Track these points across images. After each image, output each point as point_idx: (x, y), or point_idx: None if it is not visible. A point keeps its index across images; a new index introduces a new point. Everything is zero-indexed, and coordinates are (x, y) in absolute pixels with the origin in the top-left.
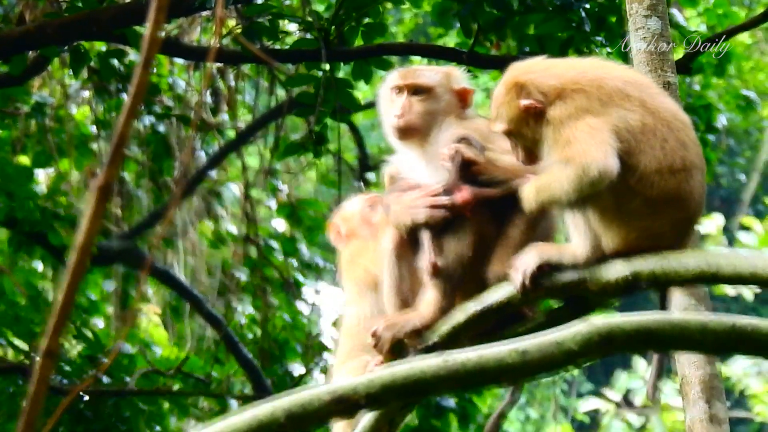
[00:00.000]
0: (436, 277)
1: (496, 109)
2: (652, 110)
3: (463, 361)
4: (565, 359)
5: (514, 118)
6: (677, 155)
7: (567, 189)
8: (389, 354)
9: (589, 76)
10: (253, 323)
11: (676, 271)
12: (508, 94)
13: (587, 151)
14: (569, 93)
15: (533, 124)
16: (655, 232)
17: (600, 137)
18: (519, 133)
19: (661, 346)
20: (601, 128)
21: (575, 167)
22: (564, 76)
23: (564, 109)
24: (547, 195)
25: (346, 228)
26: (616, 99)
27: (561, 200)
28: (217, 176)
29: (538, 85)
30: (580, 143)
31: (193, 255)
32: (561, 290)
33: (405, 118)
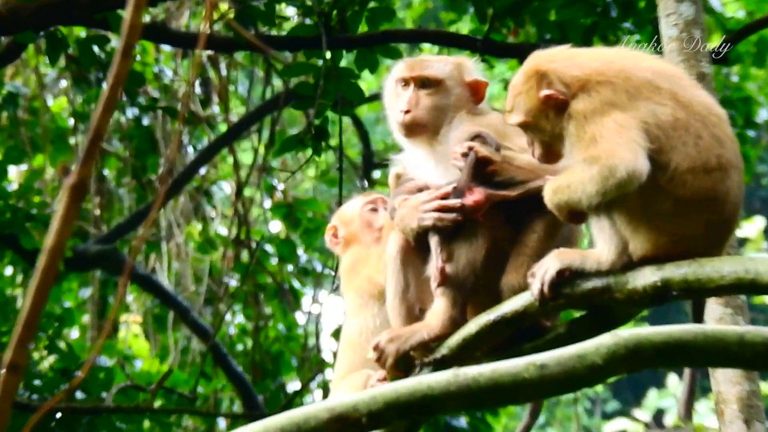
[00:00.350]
0: (444, 285)
1: (513, 99)
2: (684, 104)
3: (475, 377)
4: (589, 374)
5: (533, 110)
6: (712, 152)
7: (590, 191)
8: (393, 369)
9: (615, 67)
10: (243, 334)
11: (711, 278)
12: (528, 82)
13: (614, 150)
14: (594, 85)
15: (553, 118)
16: (688, 236)
17: (629, 135)
18: (537, 127)
19: (694, 360)
20: (630, 125)
21: (600, 167)
22: (589, 67)
23: (588, 103)
24: (565, 196)
25: (346, 231)
26: (645, 92)
27: (581, 203)
28: (207, 174)
29: (561, 75)
30: (606, 141)
31: (179, 259)
32: (583, 299)
33: (412, 113)
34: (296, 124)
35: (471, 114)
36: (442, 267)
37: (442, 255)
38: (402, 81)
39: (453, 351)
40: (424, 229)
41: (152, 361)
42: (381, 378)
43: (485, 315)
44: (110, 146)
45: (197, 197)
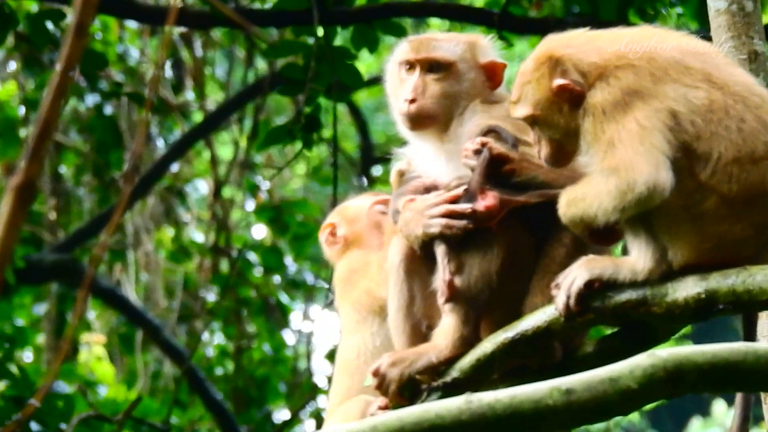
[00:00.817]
0: (453, 301)
1: (521, 89)
2: (720, 84)
3: (490, 403)
4: (622, 401)
5: (543, 102)
6: (759, 139)
7: (606, 206)
8: (397, 397)
9: (637, 48)
10: (224, 356)
11: (763, 289)
12: (538, 70)
13: (634, 162)
14: (613, 71)
15: (567, 112)
16: (735, 240)
17: (650, 141)
18: (546, 122)
19: (744, 384)
20: (653, 125)
21: (619, 181)
22: (608, 51)
23: (607, 94)
24: (580, 210)
25: (348, 230)
26: (672, 73)
27: (597, 219)
28: (180, 171)
29: (577, 62)
30: (625, 148)
31: (148, 270)
32: (616, 313)
33: (418, 103)
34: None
35: (486, 103)
36: (450, 280)
37: (450, 266)
38: (406, 64)
39: (465, 374)
40: (430, 236)
41: (118, 388)
42: (382, 405)
43: (502, 333)
44: (67, 139)
45: (169, 198)
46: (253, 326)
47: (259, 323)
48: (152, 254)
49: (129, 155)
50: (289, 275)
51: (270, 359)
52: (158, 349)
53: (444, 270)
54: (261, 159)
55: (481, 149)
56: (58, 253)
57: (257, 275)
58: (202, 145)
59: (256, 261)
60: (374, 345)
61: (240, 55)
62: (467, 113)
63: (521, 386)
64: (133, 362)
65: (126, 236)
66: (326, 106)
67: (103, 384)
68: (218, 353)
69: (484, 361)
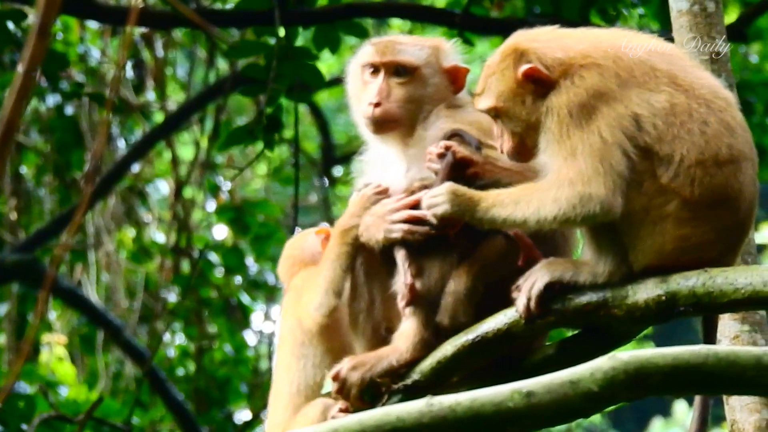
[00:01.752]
0: (414, 304)
1: (485, 80)
2: (685, 87)
3: (451, 406)
4: (583, 403)
5: (507, 93)
6: (722, 142)
7: (546, 214)
8: (358, 401)
9: (604, 47)
10: (185, 356)
11: (724, 291)
12: (504, 61)
13: (592, 180)
14: (578, 69)
15: (530, 104)
16: (698, 243)
17: (610, 160)
18: (509, 114)
19: (705, 386)
20: (614, 141)
21: (572, 193)
22: (573, 49)
23: (573, 95)
24: (507, 212)
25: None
26: (638, 74)
27: (526, 224)
28: (141, 171)
29: (542, 56)
30: (586, 163)
31: (109, 270)
32: (577, 316)
33: (383, 107)
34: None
35: (450, 107)
36: (411, 283)
37: (411, 269)
38: (371, 67)
39: (426, 376)
40: (391, 242)
41: (79, 388)
42: (343, 408)
43: (463, 335)
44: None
45: (130, 198)
46: (214, 327)
47: (221, 324)
48: (113, 255)
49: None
50: (251, 276)
51: (231, 360)
52: (119, 349)
53: (405, 273)
54: (222, 159)
55: (445, 153)
56: (18, 253)
57: (218, 276)
58: (163, 145)
59: (218, 261)
60: (315, 381)
61: (201, 55)
62: (431, 117)
63: (482, 389)
64: (94, 363)
65: (87, 236)
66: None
67: (64, 384)
68: (179, 354)
69: (445, 364)
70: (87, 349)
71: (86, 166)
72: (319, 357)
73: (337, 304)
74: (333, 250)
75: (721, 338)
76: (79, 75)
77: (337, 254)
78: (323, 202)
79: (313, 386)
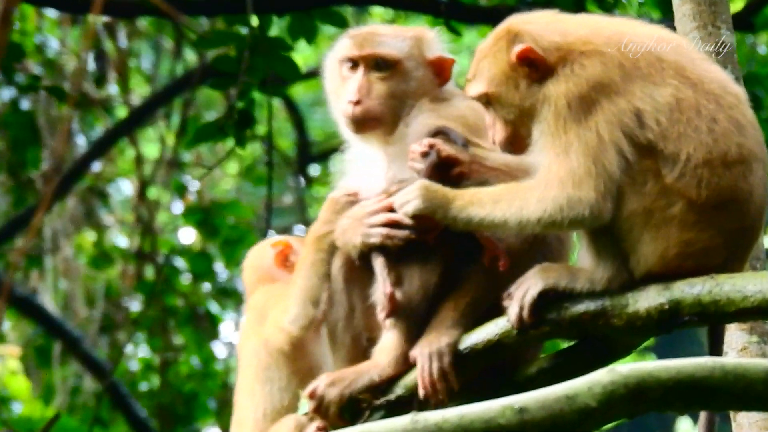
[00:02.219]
0: (394, 315)
1: (477, 65)
2: (693, 80)
3: (438, 423)
4: (580, 420)
5: (499, 77)
6: (732, 141)
7: (529, 215)
8: (337, 419)
9: (606, 34)
10: (148, 370)
11: (731, 299)
12: (496, 44)
13: (583, 181)
14: (578, 57)
15: (524, 89)
16: (703, 248)
17: (603, 161)
18: (502, 100)
19: (710, 402)
20: (611, 139)
21: (559, 194)
22: (573, 34)
23: (573, 85)
24: (484, 212)
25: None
26: (643, 65)
27: (506, 226)
28: (102, 170)
29: (537, 38)
30: (578, 162)
31: (67, 277)
32: (573, 326)
33: (363, 104)
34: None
35: (434, 101)
36: (391, 293)
37: (391, 278)
38: (349, 61)
39: (410, 391)
40: (369, 246)
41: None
42: (321, 427)
43: None
44: None
45: (90, 199)
46: (180, 338)
47: (187, 334)
48: (71, 260)
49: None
50: (220, 283)
51: (198, 373)
52: (78, 362)
53: (384, 283)
54: (189, 157)
55: (429, 151)
56: None
57: (185, 282)
58: (126, 142)
59: (184, 267)
60: (282, 405)
61: (168, 46)
62: (414, 112)
63: (471, 404)
64: (51, 376)
65: (43, 240)
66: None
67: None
68: (143, 367)
69: None
70: (43, 361)
71: (43, 164)
72: (285, 380)
73: (315, 315)
74: (308, 258)
75: (728, 350)
76: (36, 67)
77: (312, 262)
78: (298, 203)
79: (280, 410)
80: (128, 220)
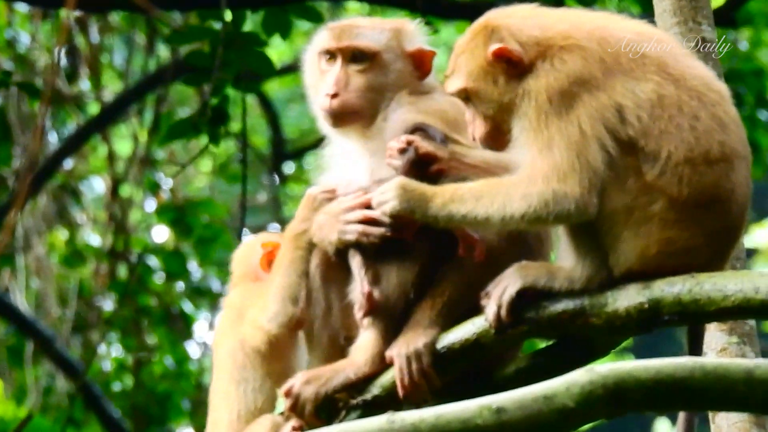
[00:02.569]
0: (372, 314)
1: (455, 60)
2: (675, 77)
3: (415, 423)
4: (558, 421)
5: (477, 72)
6: (714, 139)
7: (512, 211)
8: (313, 418)
9: (587, 28)
10: (122, 370)
11: (712, 298)
12: (474, 39)
13: (567, 176)
14: (558, 51)
15: (503, 84)
16: (684, 248)
17: (587, 156)
18: (480, 95)
19: (691, 402)
20: (593, 134)
21: (544, 189)
22: (552, 28)
23: (553, 80)
24: (466, 209)
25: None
26: (624, 61)
27: (489, 223)
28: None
29: (516, 32)
30: (561, 157)
31: (40, 276)
32: (552, 325)
33: (341, 97)
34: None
35: (414, 95)
36: (368, 292)
37: (368, 277)
38: (327, 53)
39: (387, 391)
40: (345, 243)
41: (7, 404)
42: (296, 426)
43: None
44: None
45: (62, 197)
46: (153, 338)
47: (161, 334)
48: (44, 258)
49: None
50: (194, 282)
51: (172, 373)
52: (50, 362)
53: (362, 282)
54: (163, 155)
55: (407, 148)
56: None
57: (158, 282)
58: (98, 139)
59: (158, 266)
60: (256, 406)
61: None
62: (393, 105)
63: (448, 404)
64: (23, 376)
65: (15, 239)
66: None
67: None
68: (116, 367)
69: None
70: (15, 361)
71: (14, 161)
72: (260, 380)
73: (294, 313)
74: (286, 256)
75: (707, 350)
76: (7, 63)
77: (291, 260)
78: (273, 201)
79: (254, 412)
80: (101, 219)
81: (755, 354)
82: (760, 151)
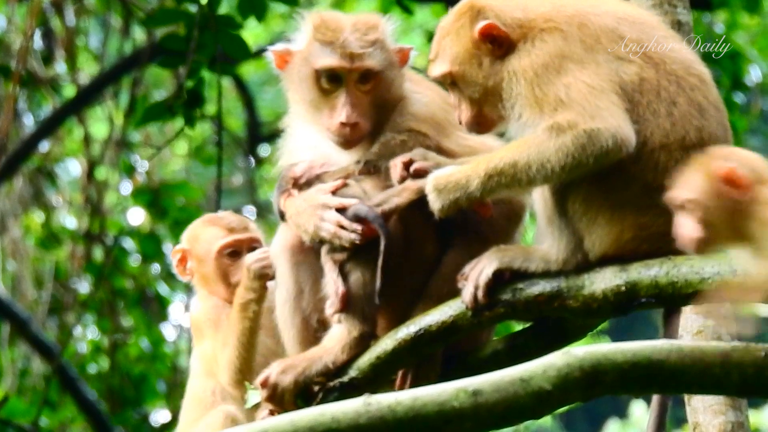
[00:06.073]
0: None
1: (439, 43)
2: (655, 60)
3: (391, 405)
4: (534, 403)
5: (463, 54)
6: (691, 124)
7: (553, 165)
8: (293, 406)
9: (567, 12)
10: (97, 352)
11: (689, 281)
12: (458, 20)
13: (596, 114)
14: (538, 33)
15: (488, 66)
16: (658, 232)
17: (608, 98)
18: (465, 78)
19: (667, 385)
20: (602, 86)
21: (576, 135)
22: (534, 11)
23: (535, 57)
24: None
25: (197, 269)
26: (604, 42)
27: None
28: (50, 150)
29: (500, 13)
30: (580, 103)
31: (15, 258)
32: (528, 307)
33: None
34: (163, 87)
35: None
36: (343, 292)
37: (342, 276)
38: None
39: (364, 373)
40: (320, 239)
41: None
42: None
43: (404, 328)
44: None
45: (37, 180)
46: (129, 320)
47: (136, 316)
48: (19, 241)
49: None
50: (169, 264)
51: (148, 356)
52: (26, 344)
53: (336, 281)
54: (138, 137)
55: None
56: None
57: (134, 264)
58: (74, 121)
59: (133, 248)
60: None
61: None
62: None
63: (424, 387)
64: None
65: None
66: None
67: None
68: (91, 349)
69: (385, 359)
70: None
71: None
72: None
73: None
74: (235, 326)
75: (683, 333)
76: None
77: (241, 331)
78: (248, 183)
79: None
80: (76, 201)
81: (731, 337)
82: (736, 134)
